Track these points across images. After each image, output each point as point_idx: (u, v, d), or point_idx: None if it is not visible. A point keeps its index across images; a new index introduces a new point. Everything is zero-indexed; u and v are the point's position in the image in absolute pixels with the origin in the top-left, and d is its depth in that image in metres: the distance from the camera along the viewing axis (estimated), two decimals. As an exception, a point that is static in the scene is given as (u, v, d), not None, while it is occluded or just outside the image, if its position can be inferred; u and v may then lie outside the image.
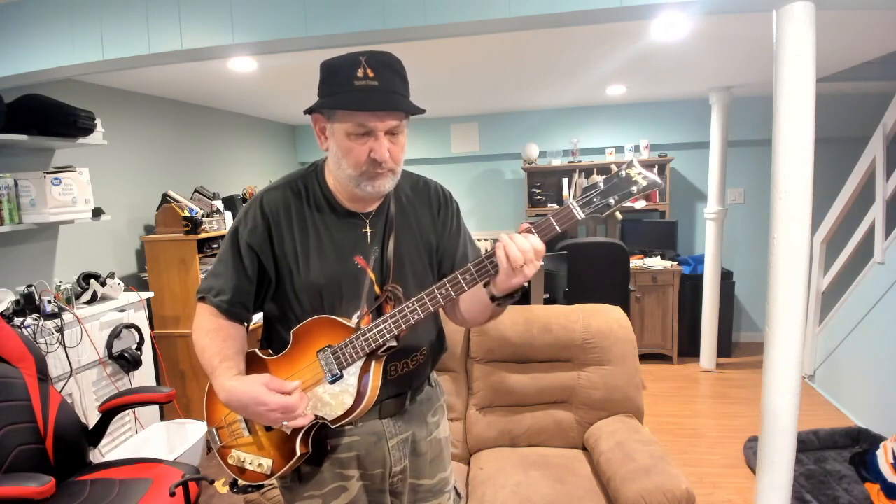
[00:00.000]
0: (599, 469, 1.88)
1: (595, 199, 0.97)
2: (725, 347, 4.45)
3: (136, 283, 3.22)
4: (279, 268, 1.15)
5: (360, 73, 1.01)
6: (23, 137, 2.35)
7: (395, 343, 1.08)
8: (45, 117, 2.41)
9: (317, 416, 1.10)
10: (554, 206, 4.91)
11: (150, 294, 3.03)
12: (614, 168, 0.98)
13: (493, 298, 1.05)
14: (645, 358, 4.26)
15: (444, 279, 1.03)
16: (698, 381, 4.14)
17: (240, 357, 1.14)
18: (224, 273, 1.15)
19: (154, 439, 2.75)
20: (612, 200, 0.97)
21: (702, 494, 2.59)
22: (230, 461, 1.19)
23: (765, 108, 2.27)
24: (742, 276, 4.61)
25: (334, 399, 1.09)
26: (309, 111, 1.10)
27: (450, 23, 1.84)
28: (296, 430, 1.11)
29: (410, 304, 1.05)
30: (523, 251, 0.95)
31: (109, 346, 2.61)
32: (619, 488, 1.70)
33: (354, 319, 1.10)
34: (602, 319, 2.19)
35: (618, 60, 3.13)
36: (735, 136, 4.36)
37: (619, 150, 4.83)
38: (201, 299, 1.18)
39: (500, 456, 2.07)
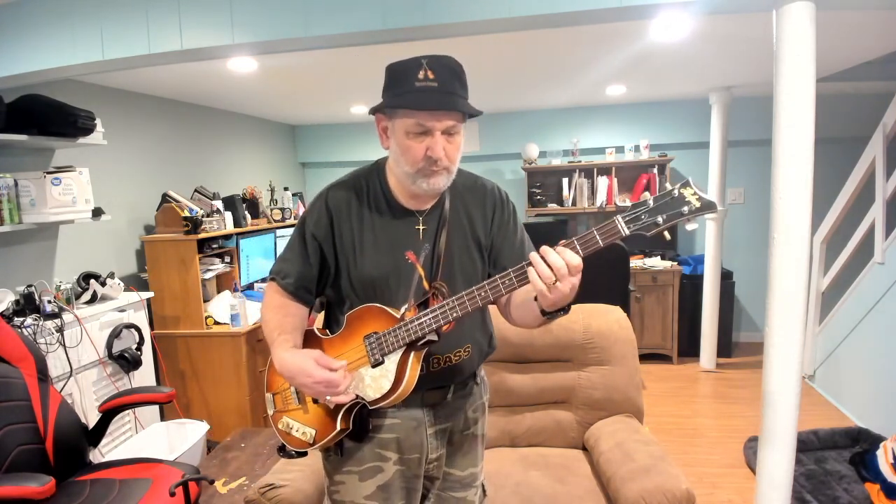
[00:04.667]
0: (599, 469, 1.88)
1: (643, 217, 0.95)
2: (725, 347, 4.46)
3: (136, 283, 3.22)
4: (339, 258, 1.23)
5: (420, 74, 1.07)
6: (23, 137, 2.35)
7: (434, 338, 1.13)
8: (45, 117, 2.41)
9: (357, 396, 1.17)
10: (554, 205, 4.91)
11: (150, 294, 3.03)
12: (668, 186, 0.96)
13: (543, 312, 1.07)
14: (645, 358, 4.26)
15: (485, 281, 1.06)
16: (698, 381, 4.14)
17: (297, 332, 1.24)
18: (291, 259, 1.26)
19: (154, 439, 2.74)
20: (660, 219, 0.94)
21: (702, 494, 2.59)
22: (280, 426, 1.28)
23: (765, 108, 2.26)
24: (742, 276, 4.61)
25: (374, 382, 1.16)
26: (372, 111, 1.16)
27: (450, 23, 1.85)
28: (338, 406, 1.19)
29: (451, 302, 1.08)
30: (556, 268, 0.96)
31: (109, 346, 2.61)
32: (619, 488, 1.69)
33: (401, 311, 1.15)
34: (602, 319, 2.19)
35: (618, 60, 3.13)
36: (735, 136, 4.36)
37: (619, 150, 4.83)
38: (271, 280, 1.29)
39: (500, 456, 2.07)
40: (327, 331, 1.27)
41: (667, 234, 0.96)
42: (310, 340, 1.26)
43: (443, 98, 1.07)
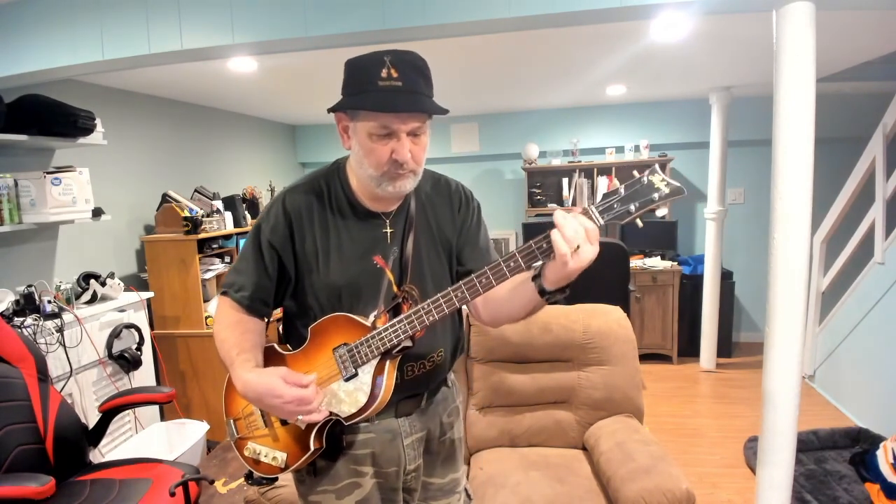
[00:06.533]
0: (599, 469, 1.88)
1: (615, 206, 0.94)
2: (725, 347, 4.46)
3: (136, 283, 3.21)
4: (299, 266, 1.16)
5: (384, 73, 1.01)
6: (23, 137, 2.35)
7: (409, 344, 1.08)
8: (45, 117, 2.41)
9: (331, 413, 1.11)
10: (554, 206, 4.91)
11: (150, 294, 3.03)
12: (636, 174, 0.95)
13: (542, 292, 1.01)
14: (645, 358, 4.26)
15: (460, 281, 1.03)
16: (698, 381, 4.14)
17: (257, 350, 1.16)
18: (245, 270, 1.17)
19: (154, 439, 2.74)
20: (632, 207, 0.94)
21: (702, 494, 2.59)
22: (246, 453, 1.20)
23: (765, 108, 2.26)
24: (742, 276, 4.61)
25: (349, 396, 1.10)
26: (332, 110, 1.10)
27: (450, 23, 1.85)
28: (310, 425, 1.12)
29: (426, 306, 1.05)
30: (577, 231, 0.91)
31: (109, 346, 2.61)
32: (619, 488, 1.70)
33: (371, 318, 1.11)
34: (602, 319, 2.19)
35: (618, 60, 3.13)
36: (735, 136, 4.35)
37: (619, 150, 4.83)
38: (223, 294, 1.21)
39: (500, 456, 2.07)
40: (288, 346, 1.20)
41: (639, 222, 0.95)
42: (271, 358, 1.17)
43: (408, 98, 1.02)
